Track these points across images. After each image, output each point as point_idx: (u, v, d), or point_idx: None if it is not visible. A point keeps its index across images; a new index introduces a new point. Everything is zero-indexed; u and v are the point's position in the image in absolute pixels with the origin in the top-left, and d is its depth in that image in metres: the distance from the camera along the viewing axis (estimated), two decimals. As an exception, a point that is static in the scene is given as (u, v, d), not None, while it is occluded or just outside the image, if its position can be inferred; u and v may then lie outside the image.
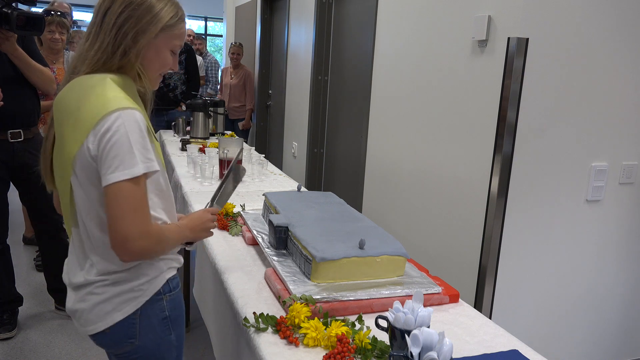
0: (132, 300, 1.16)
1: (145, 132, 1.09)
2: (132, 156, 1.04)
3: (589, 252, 2.26)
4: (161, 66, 1.21)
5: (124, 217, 1.04)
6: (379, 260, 1.36)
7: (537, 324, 2.24)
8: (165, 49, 1.18)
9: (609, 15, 2.03)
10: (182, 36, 1.21)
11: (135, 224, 1.05)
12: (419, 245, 2.59)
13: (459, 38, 2.25)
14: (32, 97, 2.55)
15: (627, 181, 2.25)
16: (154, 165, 1.08)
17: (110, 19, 1.11)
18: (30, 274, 3.35)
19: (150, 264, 1.19)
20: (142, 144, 1.06)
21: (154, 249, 1.12)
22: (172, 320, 1.24)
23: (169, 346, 1.24)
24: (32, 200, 2.64)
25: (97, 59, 1.12)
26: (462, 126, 2.26)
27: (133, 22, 1.11)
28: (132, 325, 1.17)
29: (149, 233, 1.07)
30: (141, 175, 1.05)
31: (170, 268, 1.24)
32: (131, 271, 1.16)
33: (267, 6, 5.37)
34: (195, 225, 1.26)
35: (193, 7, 10.85)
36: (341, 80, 3.69)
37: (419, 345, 0.93)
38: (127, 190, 1.04)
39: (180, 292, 1.29)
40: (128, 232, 1.04)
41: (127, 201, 1.04)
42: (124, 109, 1.06)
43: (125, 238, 1.04)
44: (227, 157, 2.52)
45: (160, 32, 1.15)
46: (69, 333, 2.66)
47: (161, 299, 1.20)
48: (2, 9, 2.21)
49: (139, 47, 1.13)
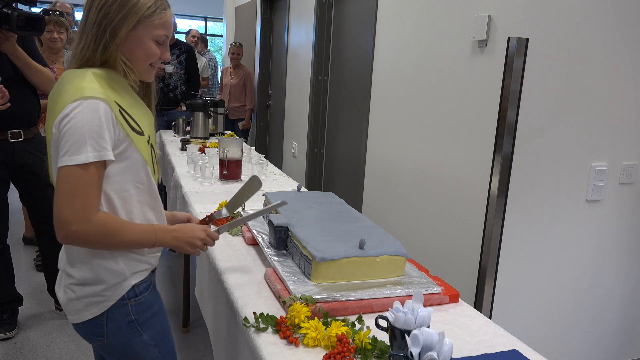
0: (97, 304, 1.20)
1: (111, 122, 1.12)
2: (82, 143, 1.07)
3: (589, 252, 2.26)
4: (146, 57, 1.22)
5: (65, 200, 1.08)
6: (379, 260, 1.36)
7: (537, 324, 2.24)
8: (146, 39, 1.20)
9: (609, 15, 2.03)
10: (164, 25, 1.22)
11: (74, 209, 1.08)
12: (419, 245, 2.59)
13: (459, 38, 2.25)
14: (32, 97, 2.55)
15: (627, 181, 2.25)
16: (107, 154, 1.10)
17: (91, 17, 1.16)
18: (30, 274, 3.35)
19: (108, 270, 1.19)
20: (98, 133, 1.09)
21: (93, 238, 1.11)
22: (141, 323, 1.25)
23: (143, 346, 1.26)
24: (32, 200, 2.64)
25: (81, 55, 1.18)
26: (462, 126, 2.26)
27: (111, 16, 1.15)
28: (100, 326, 1.22)
29: (87, 220, 1.09)
30: (90, 163, 1.08)
31: (136, 273, 1.23)
32: (90, 275, 1.19)
33: (267, 6, 5.37)
34: (182, 236, 1.24)
35: (193, 7, 10.86)
36: (341, 80, 3.69)
37: (419, 345, 0.93)
38: (71, 175, 1.07)
39: (152, 295, 1.28)
40: (64, 215, 1.08)
41: (69, 186, 1.08)
42: (87, 98, 1.10)
43: (60, 220, 1.08)
44: (227, 157, 2.52)
45: (138, 24, 1.17)
46: (69, 333, 2.66)
47: (126, 304, 1.22)
48: (2, 9, 2.21)
49: (118, 40, 1.16)
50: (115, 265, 1.20)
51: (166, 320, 1.35)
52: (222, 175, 2.55)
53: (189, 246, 1.25)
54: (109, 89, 1.15)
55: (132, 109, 1.21)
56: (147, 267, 1.27)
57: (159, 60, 1.25)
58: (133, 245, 1.19)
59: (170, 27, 1.25)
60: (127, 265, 1.22)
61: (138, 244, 1.20)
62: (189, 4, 10.68)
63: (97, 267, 1.19)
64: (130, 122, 1.18)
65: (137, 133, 1.19)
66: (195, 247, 1.26)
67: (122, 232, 1.15)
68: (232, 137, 3.12)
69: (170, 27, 1.25)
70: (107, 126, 1.11)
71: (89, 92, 1.10)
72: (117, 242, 1.15)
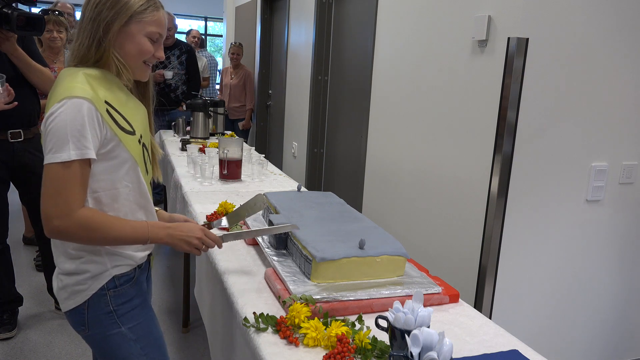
0: (80, 292, 1.24)
1: (96, 121, 1.14)
2: (64, 142, 1.11)
3: (589, 252, 2.26)
4: (139, 53, 1.24)
5: (48, 197, 1.12)
6: (379, 260, 1.36)
7: (537, 324, 2.24)
8: (139, 35, 1.22)
9: (609, 15, 2.03)
10: (157, 22, 1.25)
11: (57, 205, 1.11)
12: (419, 245, 2.59)
13: (459, 38, 2.25)
14: (32, 97, 2.55)
15: (627, 181, 2.25)
16: (89, 153, 1.13)
17: (87, 15, 1.20)
18: (30, 274, 3.35)
19: (90, 260, 1.24)
20: (80, 132, 1.12)
21: (76, 234, 1.15)
22: (120, 315, 1.28)
23: (121, 339, 1.28)
24: (32, 200, 2.64)
25: (77, 53, 1.22)
26: (462, 126, 2.26)
27: (104, 13, 1.19)
28: (82, 315, 1.26)
29: (69, 215, 1.12)
30: (73, 161, 1.11)
31: (118, 266, 1.27)
32: (73, 266, 1.24)
33: (267, 6, 5.37)
34: (177, 234, 1.25)
35: (193, 7, 10.86)
36: (341, 80, 3.69)
37: (419, 345, 0.93)
38: (54, 173, 1.11)
39: (134, 288, 1.30)
40: (48, 211, 1.12)
41: (52, 183, 1.12)
42: (71, 97, 1.12)
43: (45, 216, 1.12)
44: (227, 157, 2.52)
45: (130, 19, 1.20)
46: (69, 333, 2.66)
47: (105, 294, 1.25)
48: (2, 9, 2.21)
49: (111, 36, 1.19)
50: (97, 258, 1.24)
51: (150, 316, 1.36)
52: (222, 175, 2.55)
53: (185, 244, 1.26)
54: (101, 87, 1.18)
55: (124, 108, 1.23)
56: (129, 262, 1.29)
57: (152, 58, 1.27)
58: (122, 241, 1.21)
59: (164, 25, 1.27)
60: (110, 258, 1.25)
61: (128, 240, 1.21)
62: (189, 4, 10.68)
63: (80, 258, 1.23)
64: (120, 121, 1.20)
65: (127, 132, 1.22)
66: (192, 245, 1.26)
67: (107, 227, 1.17)
68: (232, 137, 3.12)
69: (164, 25, 1.27)
70: (91, 125, 1.13)
71: (75, 91, 1.13)
72: (101, 238, 1.17)
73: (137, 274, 1.32)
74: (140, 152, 1.26)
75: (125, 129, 1.21)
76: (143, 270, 1.36)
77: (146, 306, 1.35)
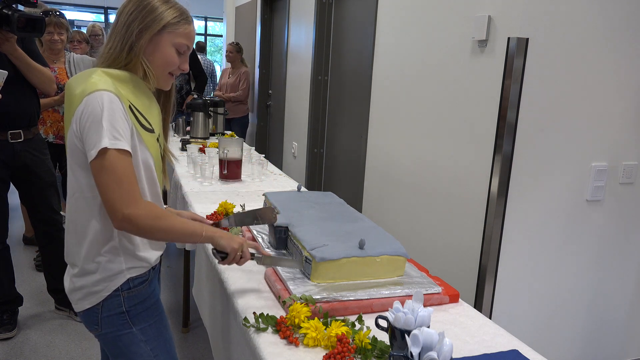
0: (95, 294, 1.25)
1: (122, 112, 1.16)
2: (105, 133, 1.12)
3: (588, 252, 2.26)
4: (165, 63, 1.27)
5: (110, 189, 1.12)
6: (378, 260, 1.36)
7: (537, 324, 2.24)
8: (168, 45, 1.26)
9: (609, 15, 2.03)
10: (186, 36, 1.28)
11: (122, 194, 1.11)
12: (419, 245, 2.59)
13: (459, 38, 2.25)
14: (32, 98, 2.55)
15: (627, 181, 2.25)
16: (124, 145, 1.14)
17: (122, 20, 1.24)
18: (30, 274, 3.35)
19: (108, 261, 1.24)
20: (117, 122, 1.14)
21: (146, 222, 1.14)
22: (132, 316, 1.29)
23: (132, 339, 1.29)
24: (32, 200, 2.64)
25: (108, 55, 1.24)
26: (462, 126, 2.26)
27: (139, 20, 1.22)
28: (96, 315, 1.27)
29: (137, 202, 1.13)
30: (124, 150, 1.13)
31: (133, 268, 1.27)
32: (90, 267, 1.24)
33: (267, 6, 5.37)
34: (225, 234, 1.27)
35: (193, 7, 10.83)
36: (341, 80, 3.69)
37: (419, 345, 0.93)
38: (109, 163, 1.12)
39: (147, 289, 1.31)
40: (115, 202, 1.11)
41: (110, 175, 1.12)
42: (99, 90, 1.14)
43: (112, 208, 1.12)
44: (227, 158, 2.52)
45: (163, 29, 1.24)
46: (69, 333, 2.66)
47: (119, 295, 1.26)
48: (2, 10, 2.21)
49: (143, 42, 1.23)
50: (116, 259, 1.25)
51: (162, 318, 1.37)
52: (222, 175, 2.55)
53: (235, 243, 1.27)
54: (123, 86, 1.20)
55: (145, 108, 1.25)
56: (144, 264, 1.30)
57: (178, 69, 1.31)
58: (181, 233, 1.22)
59: (193, 39, 1.32)
60: (126, 260, 1.26)
61: (187, 231, 1.22)
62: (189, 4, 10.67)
63: (99, 261, 1.24)
64: (141, 119, 1.22)
65: (147, 130, 1.24)
66: (235, 249, 1.26)
67: (168, 217, 1.18)
68: (232, 137, 3.12)
69: (193, 39, 1.32)
70: (120, 115, 1.15)
71: (103, 85, 1.15)
72: (167, 227, 1.17)
73: (151, 275, 1.34)
74: (159, 151, 1.30)
75: (146, 127, 1.24)
76: (156, 271, 1.38)
77: (158, 307, 1.36)
